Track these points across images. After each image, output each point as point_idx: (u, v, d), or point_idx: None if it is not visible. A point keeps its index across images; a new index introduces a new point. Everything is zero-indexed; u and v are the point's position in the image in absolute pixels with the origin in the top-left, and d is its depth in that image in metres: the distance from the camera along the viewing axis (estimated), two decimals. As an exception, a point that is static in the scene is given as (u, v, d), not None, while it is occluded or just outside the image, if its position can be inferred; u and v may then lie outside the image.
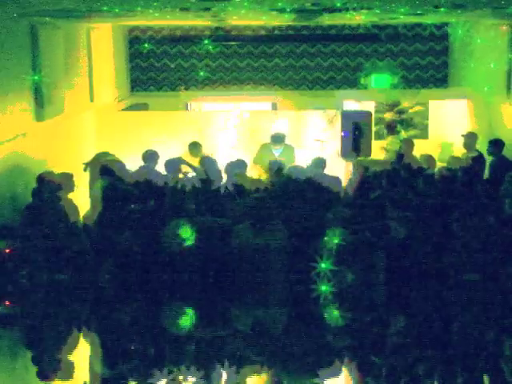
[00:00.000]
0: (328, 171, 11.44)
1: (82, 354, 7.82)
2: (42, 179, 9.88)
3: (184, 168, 11.42)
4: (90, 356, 7.77)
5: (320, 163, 11.27)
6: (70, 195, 10.22)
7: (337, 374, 7.32)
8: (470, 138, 12.38)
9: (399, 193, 9.68)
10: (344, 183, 11.07)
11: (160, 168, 11.50)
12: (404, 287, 9.07)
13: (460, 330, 8.21)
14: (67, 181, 10.21)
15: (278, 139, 12.47)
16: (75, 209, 10.11)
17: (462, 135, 12.62)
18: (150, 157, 11.36)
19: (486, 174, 11.51)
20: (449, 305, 8.85)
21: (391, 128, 14.21)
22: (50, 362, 7.59)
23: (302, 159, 12.37)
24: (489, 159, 11.51)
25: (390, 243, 9.15)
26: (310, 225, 9.36)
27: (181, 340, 8.05)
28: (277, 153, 12.41)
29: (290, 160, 12.27)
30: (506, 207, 9.52)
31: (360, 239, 9.19)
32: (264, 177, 11.12)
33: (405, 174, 10.22)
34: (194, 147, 12.17)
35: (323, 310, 8.87)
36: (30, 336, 8.27)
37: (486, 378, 7.22)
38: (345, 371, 7.38)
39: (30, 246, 9.25)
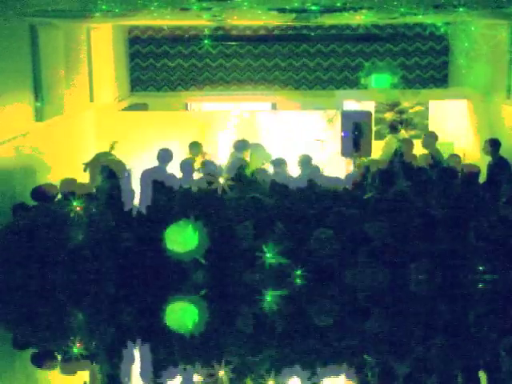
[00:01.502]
0: (328, 171, 11.43)
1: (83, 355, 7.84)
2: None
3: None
4: (91, 356, 7.79)
5: (306, 161, 11.02)
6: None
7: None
8: (430, 138, 12.35)
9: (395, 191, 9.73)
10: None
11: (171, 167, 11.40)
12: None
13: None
14: (71, 187, 10.19)
15: (241, 147, 11.97)
16: None
17: (424, 134, 12.63)
18: (164, 156, 11.22)
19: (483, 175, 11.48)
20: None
21: (393, 128, 14.21)
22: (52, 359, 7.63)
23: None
24: (486, 159, 11.50)
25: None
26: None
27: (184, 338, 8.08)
28: (247, 159, 12.18)
29: (264, 157, 12.18)
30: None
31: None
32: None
33: (404, 172, 10.22)
34: (194, 147, 12.06)
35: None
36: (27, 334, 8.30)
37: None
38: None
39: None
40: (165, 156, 11.10)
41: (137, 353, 7.82)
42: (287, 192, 9.94)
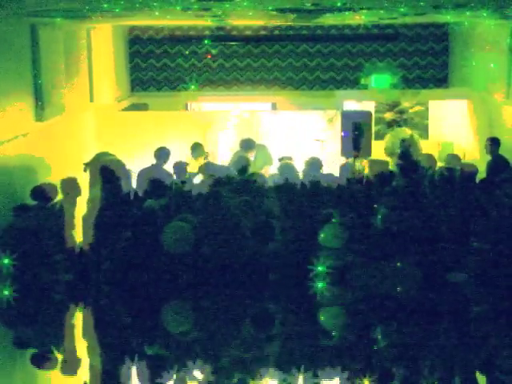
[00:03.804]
0: (328, 171, 11.44)
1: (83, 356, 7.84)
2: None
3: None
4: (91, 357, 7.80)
5: (316, 164, 11.12)
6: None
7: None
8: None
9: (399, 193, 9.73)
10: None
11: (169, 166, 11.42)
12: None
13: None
14: (73, 185, 10.19)
15: (248, 145, 12.16)
16: (73, 224, 10.05)
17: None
18: (161, 155, 11.30)
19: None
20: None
21: (390, 125, 14.24)
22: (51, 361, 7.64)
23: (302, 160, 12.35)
24: (486, 159, 11.51)
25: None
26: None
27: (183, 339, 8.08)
28: (251, 158, 12.27)
29: (267, 160, 12.26)
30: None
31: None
32: None
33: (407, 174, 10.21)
34: (195, 149, 12.05)
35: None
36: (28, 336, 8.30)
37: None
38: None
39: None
40: (161, 154, 11.18)
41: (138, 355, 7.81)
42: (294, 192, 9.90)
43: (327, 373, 7.24)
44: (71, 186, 10.10)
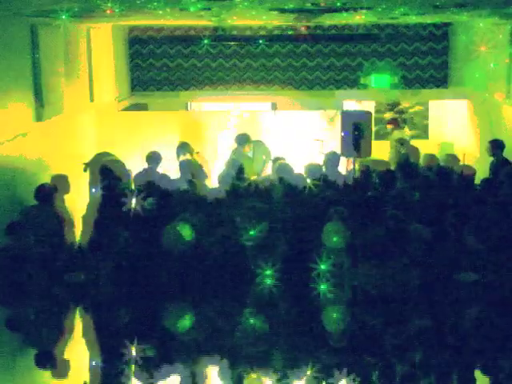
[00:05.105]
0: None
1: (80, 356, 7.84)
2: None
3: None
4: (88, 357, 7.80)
5: (335, 160, 11.09)
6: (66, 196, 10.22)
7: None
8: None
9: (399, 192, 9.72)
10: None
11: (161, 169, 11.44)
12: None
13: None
14: (62, 183, 10.20)
15: (244, 140, 12.23)
16: (71, 222, 10.03)
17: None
18: (153, 158, 11.31)
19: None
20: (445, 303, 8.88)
21: (395, 124, 14.25)
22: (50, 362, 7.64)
23: (302, 160, 12.35)
24: (486, 159, 11.53)
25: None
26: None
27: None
28: (250, 154, 12.29)
29: (266, 154, 12.29)
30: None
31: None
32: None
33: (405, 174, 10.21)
34: (181, 148, 11.97)
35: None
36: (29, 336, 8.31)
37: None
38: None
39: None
40: (155, 157, 11.17)
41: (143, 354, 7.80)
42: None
43: (328, 373, 7.24)
44: (60, 183, 10.12)
